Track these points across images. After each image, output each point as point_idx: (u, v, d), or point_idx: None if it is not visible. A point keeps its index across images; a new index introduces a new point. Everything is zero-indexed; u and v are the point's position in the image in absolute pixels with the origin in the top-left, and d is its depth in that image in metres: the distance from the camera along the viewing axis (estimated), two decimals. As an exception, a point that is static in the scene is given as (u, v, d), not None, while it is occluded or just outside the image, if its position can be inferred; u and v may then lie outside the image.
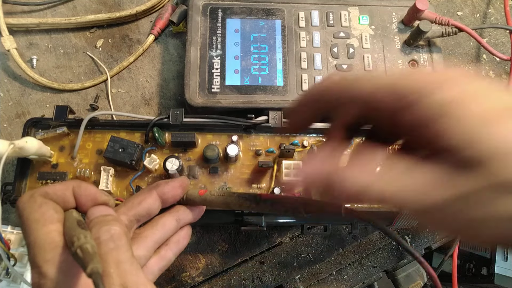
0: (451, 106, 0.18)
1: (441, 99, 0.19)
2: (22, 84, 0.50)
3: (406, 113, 0.20)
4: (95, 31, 0.53)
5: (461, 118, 0.18)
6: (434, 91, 0.19)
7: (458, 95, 0.19)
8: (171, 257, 0.32)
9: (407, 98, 0.20)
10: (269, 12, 0.49)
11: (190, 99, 0.44)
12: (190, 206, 0.33)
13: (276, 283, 0.46)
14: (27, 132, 0.41)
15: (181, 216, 0.32)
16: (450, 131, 0.18)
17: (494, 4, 0.56)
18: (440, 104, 0.19)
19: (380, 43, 0.48)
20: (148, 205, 0.30)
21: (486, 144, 0.17)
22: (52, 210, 0.24)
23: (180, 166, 0.39)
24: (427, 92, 0.19)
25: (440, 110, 0.19)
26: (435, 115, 0.19)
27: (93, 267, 0.20)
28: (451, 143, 0.18)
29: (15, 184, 0.40)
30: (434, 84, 0.19)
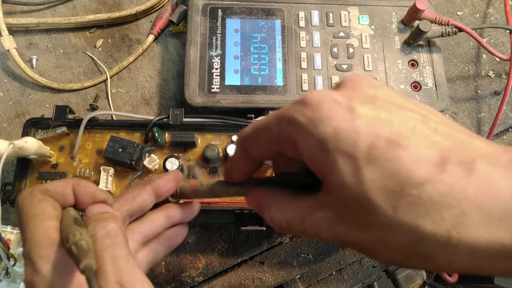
0: (333, 145, 0.18)
1: (320, 136, 0.18)
2: (22, 84, 0.50)
3: (292, 147, 0.20)
4: (95, 31, 0.53)
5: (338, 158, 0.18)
6: (311, 128, 0.18)
7: (335, 132, 0.18)
8: (160, 251, 0.32)
9: (288, 132, 0.20)
10: (269, 12, 0.49)
11: (190, 99, 0.44)
12: (181, 205, 0.33)
13: (276, 283, 0.46)
14: (27, 132, 0.41)
15: (171, 213, 0.32)
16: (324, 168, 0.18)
17: (494, 4, 0.56)
18: (319, 143, 0.18)
19: (380, 43, 0.48)
20: (142, 200, 0.30)
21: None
22: (51, 207, 0.24)
23: (180, 166, 0.39)
24: (305, 130, 0.19)
25: (319, 148, 0.18)
26: (313, 154, 0.19)
27: (87, 263, 0.20)
28: (330, 181, 0.19)
29: (15, 184, 0.40)
30: (311, 118, 0.19)
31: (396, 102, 0.19)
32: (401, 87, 0.46)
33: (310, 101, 0.19)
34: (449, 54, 0.54)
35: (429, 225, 0.16)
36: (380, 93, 0.19)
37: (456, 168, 0.16)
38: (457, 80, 0.53)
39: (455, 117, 0.51)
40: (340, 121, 0.18)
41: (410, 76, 0.47)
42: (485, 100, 0.52)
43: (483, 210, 0.16)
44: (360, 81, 0.20)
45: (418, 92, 0.46)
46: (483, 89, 0.53)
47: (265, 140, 0.22)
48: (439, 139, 0.17)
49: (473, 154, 0.17)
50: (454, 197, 0.16)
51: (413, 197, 0.16)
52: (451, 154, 0.17)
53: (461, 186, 0.16)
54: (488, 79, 0.53)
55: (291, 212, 0.21)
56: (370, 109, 0.18)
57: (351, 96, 0.19)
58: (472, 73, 0.53)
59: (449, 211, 0.16)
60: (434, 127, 0.18)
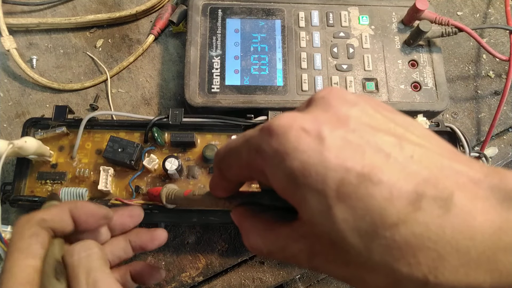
0: (301, 178, 0.17)
1: (288, 170, 0.17)
2: (22, 84, 0.50)
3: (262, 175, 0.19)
4: (95, 31, 0.53)
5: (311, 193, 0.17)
6: (278, 161, 0.17)
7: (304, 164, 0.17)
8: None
9: (256, 161, 0.19)
10: (269, 12, 0.48)
11: (190, 99, 0.44)
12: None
13: (276, 283, 0.46)
14: (27, 132, 0.41)
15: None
16: (300, 203, 0.18)
17: (494, 4, 0.56)
18: (287, 177, 0.17)
19: (380, 43, 0.48)
20: None
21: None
22: (39, 245, 0.24)
23: (179, 166, 0.39)
24: (272, 162, 0.18)
25: (288, 182, 0.17)
26: (283, 187, 0.18)
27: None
28: (302, 215, 0.18)
29: (15, 183, 0.40)
30: (278, 149, 0.17)
31: (371, 123, 0.18)
32: (401, 87, 0.46)
33: (276, 130, 0.17)
34: (449, 54, 0.54)
35: (405, 269, 0.15)
36: (353, 112, 0.18)
37: (432, 205, 0.15)
38: (457, 80, 0.53)
39: (455, 117, 0.51)
40: (308, 154, 0.16)
41: (410, 76, 0.47)
42: (485, 100, 0.52)
43: (461, 252, 0.15)
44: (332, 99, 0.19)
45: (418, 92, 0.46)
46: (483, 89, 0.53)
47: (237, 166, 0.21)
48: (415, 169, 0.16)
49: (451, 185, 0.16)
50: (430, 238, 0.15)
51: (387, 239, 0.15)
52: (427, 187, 0.15)
53: (437, 226, 0.15)
54: (488, 79, 0.53)
55: (270, 241, 0.21)
56: (341, 135, 0.17)
57: (320, 120, 0.17)
58: (472, 73, 0.53)
59: (425, 254, 0.15)
60: (411, 153, 0.16)
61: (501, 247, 0.14)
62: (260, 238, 0.21)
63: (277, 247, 0.20)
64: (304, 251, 0.18)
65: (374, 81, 0.46)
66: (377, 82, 0.46)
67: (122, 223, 0.30)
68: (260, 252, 0.21)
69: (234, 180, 0.23)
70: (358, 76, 0.46)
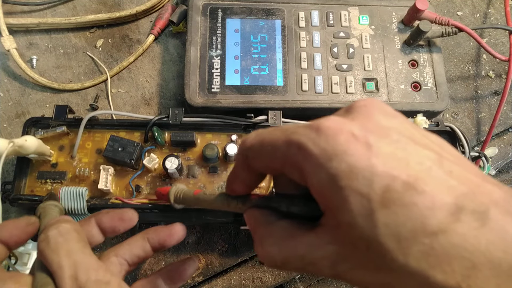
0: (346, 183, 0.17)
1: (333, 171, 0.17)
2: (22, 84, 0.50)
3: (300, 175, 0.19)
4: (95, 31, 0.53)
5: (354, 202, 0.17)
6: (324, 160, 0.18)
7: (349, 170, 0.17)
8: (159, 284, 0.31)
9: (294, 162, 0.19)
10: (269, 12, 0.49)
11: (190, 99, 0.44)
12: (161, 227, 0.32)
13: (276, 283, 0.46)
14: (27, 132, 0.41)
15: (151, 235, 0.31)
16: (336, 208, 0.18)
17: (494, 4, 0.56)
18: (331, 178, 0.17)
19: (380, 43, 0.48)
20: (89, 235, 0.29)
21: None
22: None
23: (179, 165, 0.39)
24: (317, 161, 0.18)
25: (331, 183, 0.17)
26: (323, 188, 0.18)
27: None
28: (339, 219, 0.18)
29: (15, 183, 0.40)
30: (324, 152, 0.18)
31: (411, 136, 0.18)
32: (401, 87, 0.46)
33: (325, 130, 0.18)
34: (449, 54, 0.54)
35: (439, 276, 0.16)
36: (394, 124, 0.19)
37: (470, 218, 0.16)
38: (457, 80, 0.53)
39: (455, 117, 0.51)
40: (357, 158, 0.17)
41: (410, 76, 0.47)
42: (485, 100, 0.52)
43: (494, 264, 0.15)
44: (373, 109, 0.19)
45: (418, 92, 0.46)
46: (483, 89, 0.53)
47: (269, 158, 0.21)
48: (454, 183, 0.17)
49: (487, 201, 0.16)
50: (466, 248, 0.15)
51: (426, 246, 0.16)
52: (466, 201, 0.16)
53: (473, 237, 0.16)
54: (488, 79, 0.53)
55: (289, 249, 0.20)
56: (386, 144, 0.17)
57: (367, 128, 0.18)
58: (472, 73, 0.53)
59: (460, 263, 0.15)
60: (450, 169, 0.17)
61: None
62: (277, 246, 0.21)
63: (296, 255, 0.20)
64: (328, 258, 0.19)
65: (374, 81, 0.46)
66: (377, 82, 0.46)
67: (112, 226, 0.30)
68: (273, 262, 0.21)
69: (258, 171, 0.22)
70: (358, 76, 0.47)
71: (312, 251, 0.19)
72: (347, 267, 0.18)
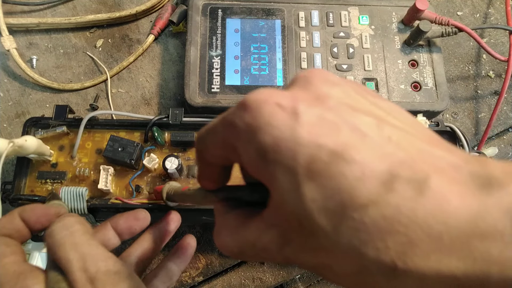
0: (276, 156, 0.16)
1: (259, 145, 0.16)
2: (22, 84, 0.50)
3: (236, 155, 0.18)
4: (95, 31, 0.53)
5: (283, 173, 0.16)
6: (250, 136, 0.17)
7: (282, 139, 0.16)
8: (171, 267, 0.32)
9: (230, 138, 0.18)
10: (269, 12, 0.49)
11: (190, 99, 0.44)
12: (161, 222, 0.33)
13: (276, 283, 0.46)
14: (27, 132, 0.41)
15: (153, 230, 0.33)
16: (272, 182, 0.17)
17: (494, 4, 0.56)
18: (258, 153, 0.16)
19: (380, 43, 0.48)
20: (106, 239, 0.30)
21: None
22: (3, 246, 0.24)
23: (179, 165, 0.39)
24: (244, 137, 0.17)
25: (259, 158, 0.16)
26: (254, 164, 0.17)
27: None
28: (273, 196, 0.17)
29: (15, 183, 0.40)
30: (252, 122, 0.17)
31: (351, 103, 0.17)
32: (401, 87, 0.46)
33: (250, 104, 0.17)
34: (449, 54, 0.54)
35: (372, 253, 0.14)
36: (334, 92, 0.17)
37: (405, 187, 0.14)
38: (457, 80, 0.53)
39: (455, 117, 0.51)
40: (280, 129, 0.16)
41: (410, 76, 0.47)
42: (485, 100, 0.52)
43: (433, 237, 0.14)
44: (314, 78, 0.18)
45: (418, 92, 0.46)
46: (483, 89, 0.53)
47: (212, 145, 0.20)
48: (391, 149, 0.15)
49: (428, 168, 0.15)
50: (400, 222, 0.14)
51: (355, 221, 0.14)
52: (402, 169, 0.15)
53: (409, 209, 0.14)
54: (488, 79, 0.53)
55: (241, 237, 0.20)
56: (317, 113, 0.16)
57: (298, 97, 0.17)
58: (472, 73, 0.53)
59: (395, 238, 0.14)
60: (389, 134, 0.16)
61: (477, 233, 0.13)
62: (230, 235, 0.20)
63: (247, 242, 0.19)
64: (275, 241, 0.18)
65: (374, 81, 0.46)
66: (377, 82, 0.46)
67: (128, 226, 0.30)
68: (230, 251, 0.20)
69: (213, 163, 0.22)
70: (358, 76, 0.47)
71: (260, 236, 0.18)
72: (292, 250, 0.17)
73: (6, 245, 0.25)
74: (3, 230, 0.25)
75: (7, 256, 0.24)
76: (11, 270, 0.23)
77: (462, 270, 0.13)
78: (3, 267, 0.23)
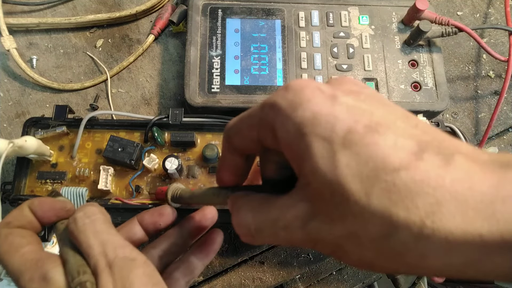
0: (309, 130, 0.17)
1: (298, 119, 0.18)
2: (22, 84, 0.50)
3: (271, 134, 0.20)
4: (95, 31, 0.53)
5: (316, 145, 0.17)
6: (290, 111, 0.18)
7: (311, 116, 0.17)
8: (192, 261, 0.33)
9: (267, 119, 0.19)
10: (269, 12, 0.49)
11: (190, 99, 0.44)
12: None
13: (276, 283, 0.46)
14: (27, 132, 0.41)
15: (182, 224, 0.33)
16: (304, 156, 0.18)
17: (494, 4, 0.56)
18: (296, 127, 0.18)
19: (380, 43, 0.48)
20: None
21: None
22: (18, 237, 0.25)
23: (179, 165, 0.39)
24: (284, 113, 0.18)
25: (296, 132, 0.18)
26: (290, 139, 0.18)
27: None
28: (302, 171, 0.18)
29: (15, 183, 0.40)
30: (291, 102, 0.18)
31: (380, 100, 0.19)
32: (401, 87, 0.46)
33: (293, 86, 0.19)
34: (449, 54, 0.54)
35: (402, 213, 0.15)
36: (365, 91, 0.19)
37: (433, 158, 0.16)
38: (457, 80, 0.53)
39: (455, 117, 0.51)
40: (320, 105, 0.18)
41: (410, 76, 0.47)
42: (485, 100, 0.52)
43: (459, 200, 0.15)
44: (347, 80, 0.20)
45: (418, 92, 0.46)
46: (483, 89, 0.53)
47: (247, 127, 0.21)
48: (419, 132, 0.17)
49: (452, 149, 0.16)
50: (429, 185, 0.15)
51: (388, 183, 0.16)
52: (429, 146, 0.16)
53: (437, 175, 0.15)
54: (488, 79, 0.53)
55: (262, 215, 0.20)
56: (352, 99, 0.18)
57: (335, 87, 0.19)
58: (472, 73, 0.53)
59: (424, 199, 0.15)
60: (415, 123, 0.18)
61: (499, 197, 0.15)
62: (251, 212, 0.21)
63: (269, 220, 0.20)
64: (300, 216, 0.19)
65: (374, 81, 0.46)
66: (377, 82, 0.46)
67: (153, 222, 0.31)
68: (247, 230, 0.21)
69: (240, 148, 0.23)
70: (358, 76, 0.47)
71: (284, 212, 0.19)
72: (317, 224, 0.18)
73: (21, 236, 0.26)
74: (16, 222, 0.26)
75: (24, 246, 0.25)
76: (29, 259, 0.24)
77: (486, 229, 0.14)
78: (22, 256, 0.24)
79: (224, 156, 0.24)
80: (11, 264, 0.24)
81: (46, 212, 0.27)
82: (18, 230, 0.26)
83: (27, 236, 0.26)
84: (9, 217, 0.26)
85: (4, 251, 0.25)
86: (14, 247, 0.25)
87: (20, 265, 0.24)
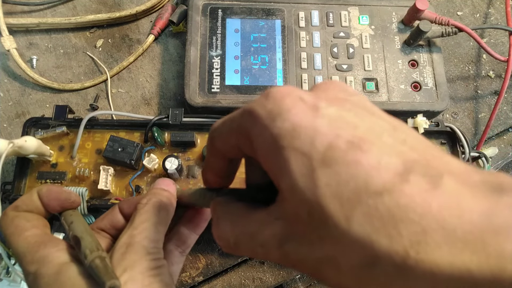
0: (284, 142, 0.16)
1: (276, 130, 0.17)
2: (22, 84, 0.50)
3: (248, 143, 0.19)
4: (95, 31, 0.53)
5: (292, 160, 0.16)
6: (268, 121, 0.17)
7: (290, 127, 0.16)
8: (183, 231, 0.33)
9: (246, 129, 0.18)
10: (269, 12, 0.49)
11: (190, 99, 0.44)
12: None
13: (276, 283, 0.46)
14: (27, 132, 0.41)
15: None
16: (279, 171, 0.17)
17: (494, 4, 0.56)
18: (273, 138, 0.17)
19: (380, 43, 0.48)
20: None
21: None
22: (24, 220, 0.26)
23: (179, 165, 0.39)
24: (262, 123, 0.17)
25: (273, 144, 0.17)
26: (267, 151, 0.17)
27: (111, 283, 0.21)
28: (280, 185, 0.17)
29: (15, 183, 0.40)
30: (271, 112, 0.17)
31: (367, 108, 0.18)
32: (401, 87, 0.46)
33: (273, 94, 0.17)
34: (449, 54, 0.54)
35: (384, 241, 0.14)
36: (352, 98, 0.18)
37: (420, 180, 0.14)
38: (457, 80, 0.53)
39: (455, 117, 0.51)
40: (300, 116, 0.16)
41: (410, 76, 0.47)
42: (485, 100, 0.52)
43: (446, 229, 0.13)
44: (333, 86, 0.19)
45: (418, 92, 0.46)
46: (483, 89, 0.53)
47: (227, 132, 0.20)
48: (406, 149, 0.15)
49: (440, 168, 0.15)
50: (415, 211, 0.14)
51: (370, 207, 0.14)
52: (416, 165, 0.15)
53: (423, 200, 0.14)
54: (488, 79, 0.53)
55: (240, 228, 0.19)
56: (336, 110, 0.17)
57: (318, 96, 0.17)
58: (472, 73, 0.53)
59: (408, 226, 0.14)
60: (403, 138, 0.16)
61: (490, 229, 0.13)
62: (230, 225, 0.20)
63: (246, 234, 0.19)
64: (277, 235, 0.18)
65: (374, 81, 0.46)
66: (377, 82, 0.46)
67: (131, 212, 0.31)
68: (226, 243, 0.20)
69: (222, 153, 0.22)
70: (358, 76, 0.47)
71: (261, 228, 0.18)
72: (293, 246, 0.17)
73: (26, 220, 0.26)
74: (24, 207, 0.27)
75: (28, 230, 0.25)
76: (31, 242, 0.24)
77: (476, 264, 0.13)
78: (25, 239, 0.25)
79: (208, 157, 0.24)
80: (15, 246, 0.25)
81: (52, 201, 0.27)
82: (24, 214, 0.27)
83: (33, 220, 0.26)
84: (18, 201, 0.27)
85: (10, 233, 0.25)
86: (19, 230, 0.25)
87: (23, 247, 0.24)
